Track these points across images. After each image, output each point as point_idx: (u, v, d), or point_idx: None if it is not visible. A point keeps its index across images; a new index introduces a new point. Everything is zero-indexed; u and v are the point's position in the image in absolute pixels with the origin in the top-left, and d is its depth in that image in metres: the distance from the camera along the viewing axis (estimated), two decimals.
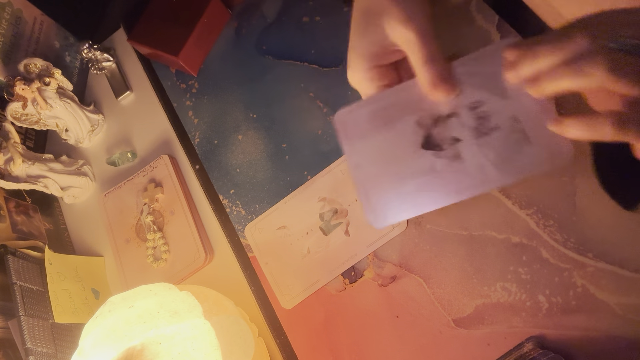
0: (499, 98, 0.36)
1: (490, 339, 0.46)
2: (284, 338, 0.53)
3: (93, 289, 0.63)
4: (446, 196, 0.37)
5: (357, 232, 0.54)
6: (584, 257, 0.45)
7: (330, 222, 0.55)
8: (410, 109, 0.38)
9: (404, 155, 0.38)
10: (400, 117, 0.38)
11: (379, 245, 0.52)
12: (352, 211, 0.55)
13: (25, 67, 0.66)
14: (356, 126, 0.39)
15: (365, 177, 0.39)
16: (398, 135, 0.38)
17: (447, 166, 0.36)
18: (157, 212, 0.64)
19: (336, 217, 0.55)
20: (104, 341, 0.42)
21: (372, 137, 0.39)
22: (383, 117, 0.38)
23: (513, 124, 0.35)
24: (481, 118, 0.36)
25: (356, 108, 0.40)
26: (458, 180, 0.36)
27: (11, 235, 0.62)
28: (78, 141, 0.73)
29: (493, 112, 0.36)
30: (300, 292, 0.54)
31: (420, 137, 0.37)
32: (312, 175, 0.58)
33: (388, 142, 0.38)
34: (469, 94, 0.36)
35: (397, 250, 0.52)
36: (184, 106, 0.70)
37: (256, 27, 0.69)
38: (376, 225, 0.39)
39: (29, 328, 0.53)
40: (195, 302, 0.44)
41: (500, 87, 0.36)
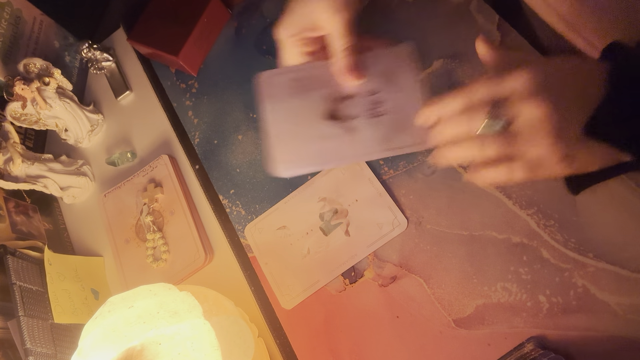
0: (392, 90, 0.45)
1: (491, 339, 0.46)
2: (283, 338, 0.53)
3: (93, 289, 0.63)
4: (341, 159, 0.45)
5: (357, 233, 0.54)
6: (584, 257, 0.45)
7: (331, 222, 0.55)
8: (323, 84, 0.46)
9: (313, 121, 0.45)
10: (314, 89, 0.46)
11: (379, 245, 0.52)
12: (352, 211, 0.55)
13: (25, 67, 0.66)
14: (276, 88, 0.47)
15: (279, 132, 0.46)
16: (310, 104, 0.46)
17: (345, 135, 0.44)
18: (157, 212, 0.64)
19: (336, 217, 0.55)
20: (103, 341, 0.42)
21: (288, 100, 0.46)
22: (300, 86, 0.46)
23: (397, 112, 0.44)
24: (376, 103, 0.45)
25: (278, 73, 0.47)
26: (351, 148, 0.44)
27: (10, 235, 0.62)
28: (77, 141, 0.73)
29: (385, 99, 0.45)
30: (300, 292, 0.54)
31: (327, 109, 0.45)
32: (312, 175, 0.58)
33: (301, 108, 0.46)
34: (370, 82, 0.45)
35: (398, 251, 0.52)
36: (184, 106, 0.69)
37: (256, 27, 0.69)
38: (282, 174, 0.45)
39: (28, 328, 0.53)
40: (195, 302, 0.44)
41: (394, 81, 0.45)
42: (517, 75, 0.35)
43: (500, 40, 0.54)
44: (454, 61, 0.56)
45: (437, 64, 0.56)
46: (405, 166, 0.55)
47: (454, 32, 0.57)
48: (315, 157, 0.45)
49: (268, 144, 0.45)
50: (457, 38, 0.57)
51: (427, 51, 0.57)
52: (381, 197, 0.54)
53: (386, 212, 0.53)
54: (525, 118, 0.35)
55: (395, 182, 0.54)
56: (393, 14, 0.61)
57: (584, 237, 0.45)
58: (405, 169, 0.55)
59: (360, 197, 0.55)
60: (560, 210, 0.47)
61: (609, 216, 0.45)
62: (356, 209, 0.54)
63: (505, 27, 0.55)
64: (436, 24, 0.58)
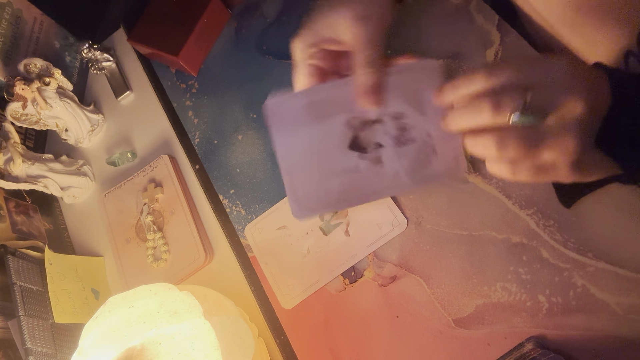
0: (418, 114, 0.39)
1: (491, 339, 0.46)
2: (284, 338, 0.53)
3: (93, 289, 0.63)
4: (365, 196, 0.40)
5: (357, 232, 0.54)
6: (584, 257, 0.45)
7: (330, 222, 0.55)
8: (342, 108, 0.40)
9: (331, 152, 0.40)
10: (332, 114, 0.40)
11: (379, 245, 0.52)
12: (352, 211, 0.55)
13: (25, 67, 0.66)
14: (288, 116, 0.41)
15: (292, 167, 0.40)
16: (327, 132, 0.40)
17: (369, 168, 0.39)
18: (157, 212, 0.64)
19: (336, 217, 0.55)
20: (103, 341, 0.42)
21: (302, 129, 0.41)
22: (315, 111, 0.40)
23: (426, 139, 0.39)
24: (402, 129, 0.39)
25: (290, 98, 0.41)
26: (376, 182, 0.39)
27: (11, 235, 0.62)
28: (78, 141, 0.73)
29: (412, 125, 0.39)
30: (300, 292, 0.54)
31: (348, 138, 0.40)
32: None
33: (317, 137, 0.40)
34: (394, 105, 0.39)
35: (397, 250, 0.52)
36: (184, 106, 0.70)
37: (256, 27, 0.69)
38: (298, 217, 0.40)
39: (28, 328, 0.53)
40: (195, 302, 0.44)
41: (421, 104, 0.39)
42: (555, 65, 0.33)
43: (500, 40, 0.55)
44: (454, 61, 0.56)
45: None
46: None
47: (454, 32, 0.57)
48: (336, 196, 0.40)
49: (285, 182, 0.41)
50: (457, 38, 0.57)
51: (427, 51, 0.57)
52: None
53: (386, 212, 0.53)
54: (560, 116, 0.33)
55: None
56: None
57: (583, 237, 0.45)
58: None
59: None
60: (560, 210, 0.47)
61: (608, 216, 0.45)
62: (356, 208, 0.55)
63: (505, 27, 0.55)
64: (436, 24, 0.58)
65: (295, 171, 0.40)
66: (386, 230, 0.52)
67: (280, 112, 0.41)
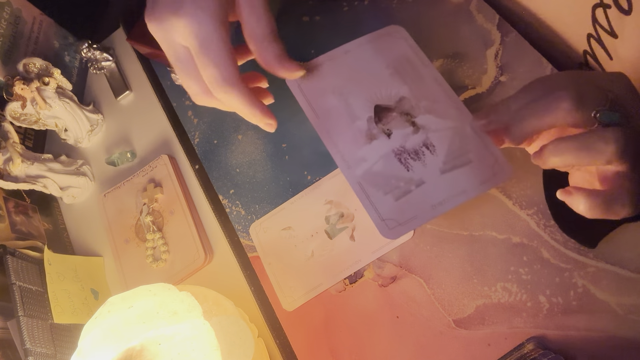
0: (426, 101, 0.41)
1: (491, 339, 0.46)
2: (283, 338, 0.53)
3: (92, 289, 0.63)
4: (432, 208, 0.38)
5: (362, 238, 0.54)
6: (584, 257, 0.45)
7: (336, 226, 0.55)
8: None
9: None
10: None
11: (384, 252, 0.52)
12: (359, 216, 0.54)
13: (25, 67, 0.66)
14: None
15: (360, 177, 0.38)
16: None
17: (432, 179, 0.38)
18: (157, 212, 0.64)
19: (342, 221, 0.55)
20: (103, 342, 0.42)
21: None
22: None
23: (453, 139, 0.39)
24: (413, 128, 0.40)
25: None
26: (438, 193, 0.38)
27: (10, 235, 0.62)
28: (77, 141, 0.73)
29: (423, 124, 0.40)
30: (302, 294, 0.54)
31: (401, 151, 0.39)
32: (312, 175, 0.58)
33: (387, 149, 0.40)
34: (393, 86, 0.41)
35: (398, 251, 0.52)
36: (184, 106, 0.69)
37: None
38: (389, 236, 0.37)
39: (28, 328, 0.53)
40: (195, 302, 0.44)
41: (420, 83, 0.41)
42: (620, 79, 0.33)
43: (501, 39, 0.54)
44: (454, 61, 0.56)
45: (437, 64, 0.56)
46: None
47: (454, 32, 0.57)
48: (415, 205, 0.37)
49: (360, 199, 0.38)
50: (457, 38, 0.57)
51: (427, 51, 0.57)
52: None
53: None
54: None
55: None
56: (393, 14, 0.61)
57: None
58: None
59: None
60: None
61: None
62: (362, 213, 0.54)
63: (505, 27, 0.55)
64: (436, 24, 0.58)
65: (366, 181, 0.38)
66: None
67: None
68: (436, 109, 0.40)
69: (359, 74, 0.41)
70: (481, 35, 0.55)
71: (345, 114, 0.40)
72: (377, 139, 0.39)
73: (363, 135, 0.40)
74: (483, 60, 0.55)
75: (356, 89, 0.41)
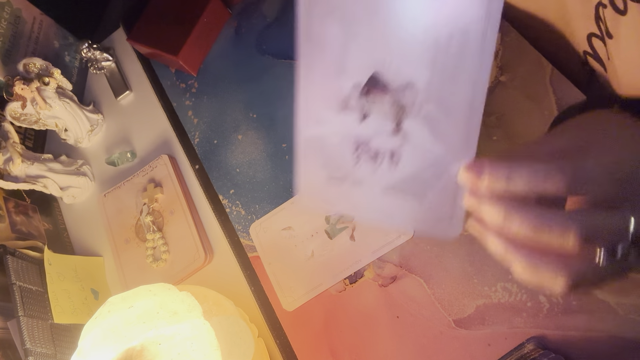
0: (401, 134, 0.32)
1: (491, 339, 0.46)
2: (283, 338, 0.53)
3: (92, 289, 0.63)
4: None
5: (362, 238, 0.53)
6: None
7: (336, 226, 0.55)
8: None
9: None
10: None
11: (384, 252, 0.52)
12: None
13: (25, 67, 0.66)
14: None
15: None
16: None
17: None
18: (157, 212, 0.64)
19: (342, 221, 0.55)
20: (103, 342, 0.42)
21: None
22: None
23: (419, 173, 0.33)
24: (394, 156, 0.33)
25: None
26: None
27: (10, 235, 0.62)
28: (77, 141, 0.73)
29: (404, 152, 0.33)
30: (302, 294, 0.54)
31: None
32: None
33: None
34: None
35: (398, 251, 0.52)
36: (184, 106, 0.69)
37: (256, 27, 0.69)
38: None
39: (28, 328, 0.53)
40: (195, 302, 0.44)
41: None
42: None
43: (501, 39, 0.54)
44: None
45: None
46: None
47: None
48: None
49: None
50: None
51: None
52: None
53: None
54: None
55: None
56: None
57: None
58: None
59: None
60: None
61: None
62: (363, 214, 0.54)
63: (505, 27, 0.55)
64: None
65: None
66: (392, 238, 0.52)
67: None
68: (439, 123, 0.30)
69: (388, 13, 0.30)
70: None
71: (337, 57, 0.31)
72: (347, 113, 0.32)
73: (338, 98, 0.32)
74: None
75: (368, 33, 0.30)
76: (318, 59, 0.32)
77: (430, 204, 0.32)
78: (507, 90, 0.53)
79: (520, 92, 0.52)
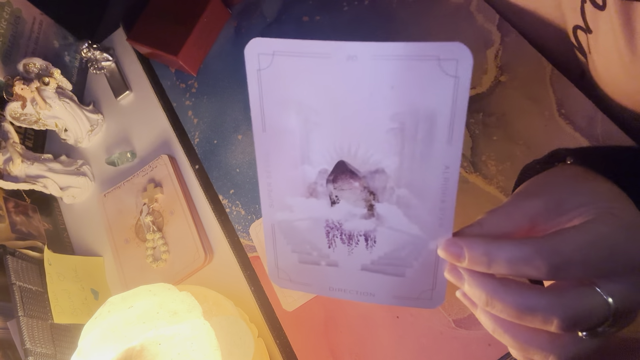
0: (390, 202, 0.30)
1: (491, 339, 0.46)
2: (283, 338, 0.53)
3: (92, 290, 0.63)
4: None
5: None
6: None
7: None
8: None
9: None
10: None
11: None
12: None
13: (25, 67, 0.66)
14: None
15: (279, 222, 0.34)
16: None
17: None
18: (157, 212, 0.64)
19: None
20: (103, 342, 0.42)
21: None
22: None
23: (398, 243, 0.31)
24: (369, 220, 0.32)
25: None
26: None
27: (10, 235, 0.62)
28: (77, 141, 0.73)
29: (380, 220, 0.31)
30: (302, 294, 0.54)
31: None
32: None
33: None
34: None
35: None
36: (184, 106, 0.69)
37: (256, 27, 0.69)
38: (277, 283, 0.35)
39: (28, 328, 0.53)
40: (195, 302, 0.44)
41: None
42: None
43: (501, 39, 0.54)
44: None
45: None
46: None
47: (454, 32, 0.57)
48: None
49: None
50: (457, 38, 0.57)
51: None
52: None
53: None
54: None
55: None
56: (393, 14, 0.61)
57: None
58: None
59: None
60: None
61: None
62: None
63: (506, 27, 0.55)
64: (436, 23, 0.58)
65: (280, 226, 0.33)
66: None
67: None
68: (413, 207, 0.29)
69: (349, 101, 0.28)
70: (481, 36, 0.55)
71: (298, 148, 0.30)
72: (316, 199, 0.31)
73: (304, 185, 0.31)
74: (483, 60, 0.55)
75: (329, 123, 0.29)
76: (277, 148, 0.31)
77: (409, 281, 0.31)
78: (507, 90, 0.53)
79: (520, 92, 0.52)
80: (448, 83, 0.27)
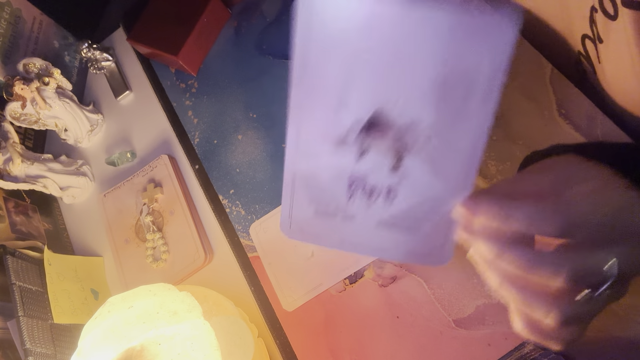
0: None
1: (491, 339, 0.46)
2: (283, 338, 0.53)
3: (92, 290, 0.63)
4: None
5: None
6: None
7: None
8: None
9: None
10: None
11: None
12: None
13: (25, 67, 0.66)
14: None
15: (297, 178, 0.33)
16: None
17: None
18: (157, 212, 0.64)
19: None
20: (103, 342, 0.42)
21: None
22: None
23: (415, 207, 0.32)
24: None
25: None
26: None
27: (10, 235, 0.62)
28: (77, 141, 0.73)
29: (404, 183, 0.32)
30: (302, 294, 0.54)
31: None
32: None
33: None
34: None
35: None
36: (184, 106, 0.69)
37: (256, 27, 0.69)
38: (288, 234, 0.35)
39: (28, 328, 0.53)
40: (195, 302, 0.44)
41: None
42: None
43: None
44: None
45: None
46: None
47: None
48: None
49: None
50: None
51: None
52: None
53: None
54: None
55: None
56: None
57: None
58: None
59: None
60: None
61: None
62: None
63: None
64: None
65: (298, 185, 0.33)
66: None
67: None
68: (440, 163, 0.30)
69: (399, 48, 0.28)
70: None
71: (337, 93, 0.30)
72: (344, 149, 0.31)
73: (334, 133, 0.31)
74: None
75: (373, 72, 0.29)
76: (316, 88, 0.30)
77: (423, 236, 0.32)
78: (507, 90, 0.53)
79: (520, 92, 0.52)
80: (495, 43, 0.27)
